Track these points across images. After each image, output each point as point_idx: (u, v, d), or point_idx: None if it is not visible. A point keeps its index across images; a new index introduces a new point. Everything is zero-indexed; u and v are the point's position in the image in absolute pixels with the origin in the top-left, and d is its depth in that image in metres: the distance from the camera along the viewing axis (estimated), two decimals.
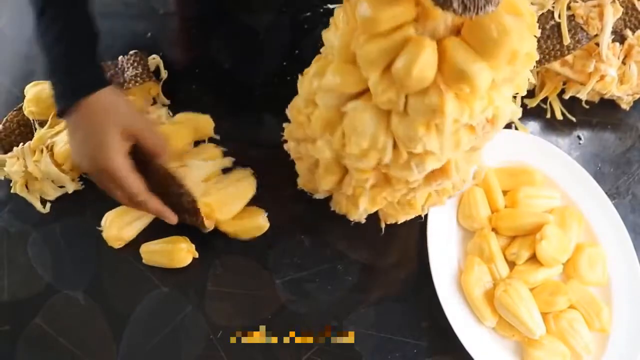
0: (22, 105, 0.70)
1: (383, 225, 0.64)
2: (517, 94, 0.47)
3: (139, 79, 0.71)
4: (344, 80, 0.44)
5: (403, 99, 0.41)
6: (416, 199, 0.56)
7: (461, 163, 0.50)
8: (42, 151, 0.67)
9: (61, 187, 0.69)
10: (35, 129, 0.70)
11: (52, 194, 0.68)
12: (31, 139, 0.68)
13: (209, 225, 0.64)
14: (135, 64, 0.72)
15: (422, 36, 0.39)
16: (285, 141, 0.60)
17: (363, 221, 0.61)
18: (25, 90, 0.71)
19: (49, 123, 0.69)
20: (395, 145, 0.45)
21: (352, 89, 0.44)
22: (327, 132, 0.48)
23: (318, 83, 0.47)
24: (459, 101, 0.40)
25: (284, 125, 0.58)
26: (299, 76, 0.53)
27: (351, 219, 0.60)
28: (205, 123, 0.71)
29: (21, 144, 0.68)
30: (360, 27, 0.41)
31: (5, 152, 0.69)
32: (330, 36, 0.48)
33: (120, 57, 0.73)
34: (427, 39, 0.39)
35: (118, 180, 0.57)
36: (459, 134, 0.44)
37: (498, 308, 0.60)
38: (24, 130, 0.71)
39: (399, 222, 0.62)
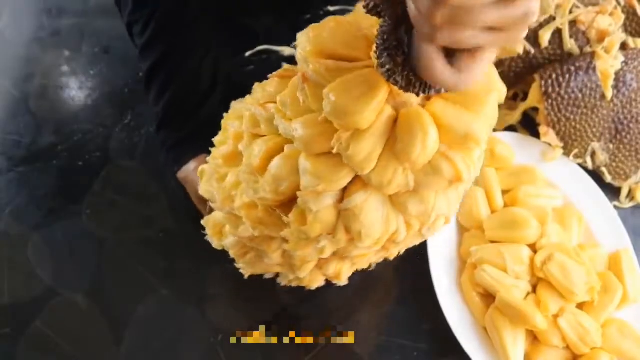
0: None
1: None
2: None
3: None
4: (331, 177, 0.38)
5: (413, 178, 0.38)
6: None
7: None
8: None
9: None
10: None
11: None
12: None
13: None
14: None
15: (414, 108, 0.36)
16: None
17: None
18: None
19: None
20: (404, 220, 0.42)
21: (343, 183, 0.39)
22: (327, 233, 0.42)
23: (290, 182, 0.40)
24: (463, 156, 0.38)
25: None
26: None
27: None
28: None
29: None
30: (340, 128, 0.36)
31: None
32: (279, 121, 0.40)
33: None
34: (419, 109, 0.36)
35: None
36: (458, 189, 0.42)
37: None
38: None
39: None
